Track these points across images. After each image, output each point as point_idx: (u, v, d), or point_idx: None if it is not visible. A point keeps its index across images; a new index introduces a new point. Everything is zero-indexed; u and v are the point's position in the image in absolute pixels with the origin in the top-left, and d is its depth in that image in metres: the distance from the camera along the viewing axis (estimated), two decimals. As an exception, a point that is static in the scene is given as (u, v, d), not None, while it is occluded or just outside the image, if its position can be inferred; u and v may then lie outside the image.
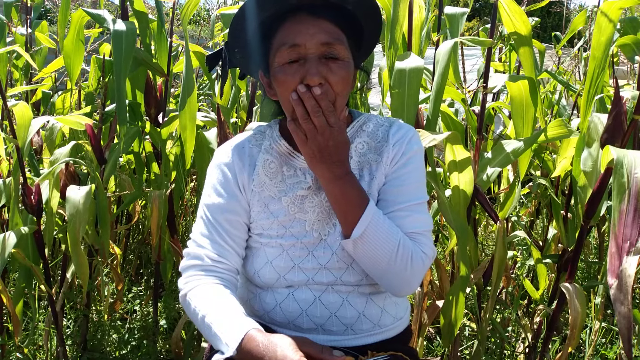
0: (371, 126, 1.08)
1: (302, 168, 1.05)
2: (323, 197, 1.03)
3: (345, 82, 0.96)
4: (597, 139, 1.36)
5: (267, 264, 1.04)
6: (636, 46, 1.69)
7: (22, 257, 1.60)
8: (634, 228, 1.06)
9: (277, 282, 1.04)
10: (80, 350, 1.96)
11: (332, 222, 1.04)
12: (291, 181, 1.05)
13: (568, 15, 3.93)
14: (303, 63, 0.94)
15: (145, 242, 2.72)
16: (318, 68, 0.93)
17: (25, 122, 1.59)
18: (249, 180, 1.06)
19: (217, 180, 1.07)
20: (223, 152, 1.09)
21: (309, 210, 1.04)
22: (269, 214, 1.05)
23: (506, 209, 1.66)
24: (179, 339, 1.84)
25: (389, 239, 0.97)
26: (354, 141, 1.06)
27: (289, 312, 1.04)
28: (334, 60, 0.95)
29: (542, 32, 10.32)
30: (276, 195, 1.05)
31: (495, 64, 2.53)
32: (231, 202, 1.06)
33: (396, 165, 1.04)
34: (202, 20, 6.99)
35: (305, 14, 0.96)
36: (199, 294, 0.99)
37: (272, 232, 1.05)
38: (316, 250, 1.03)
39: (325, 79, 0.93)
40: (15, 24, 2.53)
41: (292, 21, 0.96)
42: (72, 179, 1.77)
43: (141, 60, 1.86)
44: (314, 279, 1.03)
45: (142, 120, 2.06)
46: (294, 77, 0.93)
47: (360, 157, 1.05)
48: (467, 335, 2.09)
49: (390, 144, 1.05)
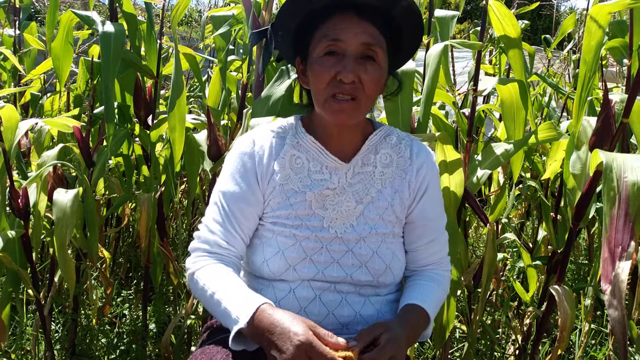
0: (394, 139, 1.13)
1: (328, 167, 1.08)
2: (345, 198, 1.07)
3: (377, 84, 1.01)
4: (586, 142, 1.36)
5: (278, 253, 1.05)
6: (624, 49, 1.70)
7: (9, 262, 1.58)
8: (626, 233, 1.06)
9: (285, 272, 1.05)
10: (68, 354, 1.94)
11: (350, 223, 1.07)
12: (317, 177, 1.08)
13: (558, 18, 3.95)
14: (341, 58, 0.98)
15: (135, 245, 2.70)
16: (354, 66, 0.97)
17: (12, 125, 1.57)
18: (270, 171, 1.07)
19: (236, 168, 1.08)
20: (244, 141, 1.10)
21: (329, 208, 1.07)
22: (289, 206, 1.06)
23: (497, 211, 1.66)
24: (169, 343, 1.82)
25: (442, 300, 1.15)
26: (380, 151, 1.11)
27: (288, 309, 1.03)
28: (371, 62, 0.99)
29: (532, 35, 10.39)
30: (300, 189, 1.07)
31: (486, 66, 2.54)
32: (246, 193, 1.07)
33: (422, 198, 1.11)
34: (194, 21, 6.97)
35: (353, 13, 0.99)
36: (208, 272, 1.02)
37: (287, 222, 1.06)
38: (330, 245, 1.06)
39: (358, 77, 0.98)
40: (3, 26, 2.50)
41: (340, 17, 1.00)
42: (60, 182, 1.75)
43: (130, 62, 1.85)
44: (324, 272, 1.04)
45: (131, 122, 2.04)
46: (330, 70, 0.98)
47: (385, 169, 1.10)
48: (457, 337, 2.09)
49: (414, 168, 1.11)
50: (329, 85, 0.99)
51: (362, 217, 1.07)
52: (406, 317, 1.03)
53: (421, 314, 1.05)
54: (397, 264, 1.09)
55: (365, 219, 1.07)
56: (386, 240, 1.08)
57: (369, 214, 1.07)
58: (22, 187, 1.60)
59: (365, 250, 1.06)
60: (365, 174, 1.09)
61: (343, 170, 1.08)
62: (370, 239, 1.07)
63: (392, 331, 0.94)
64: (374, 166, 1.09)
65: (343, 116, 1.00)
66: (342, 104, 0.99)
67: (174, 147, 1.74)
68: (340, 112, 0.99)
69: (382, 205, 1.08)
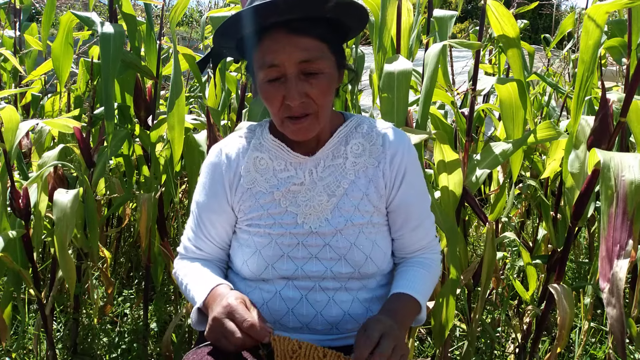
0: (365, 127, 1.11)
1: (293, 163, 1.08)
2: (316, 193, 1.07)
3: (327, 93, 1.00)
4: (584, 141, 1.37)
5: (255, 253, 1.06)
6: (623, 48, 1.70)
7: (10, 262, 1.59)
8: (623, 231, 1.06)
9: (265, 271, 1.06)
10: (70, 353, 1.95)
11: (325, 217, 1.06)
12: (282, 175, 1.08)
13: (558, 16, 3.95)
14: (284, 81, 0.97)
15: (136, 244, 2.71)
16: (297, 88, 0.96)
17: (12, 126, 1.57)
18: (237, 178, 1.09)
19: (205, 179, 1.12)
20: (213, 151, 1.13)
21: (301, 204, 1.07)
22: (259, 207, 1.07)
23: (497, 211, 1.66)
24: (170, 341, 1.83)
25: (433, 284, 1.15)
26: (350, 142, 1.09)
27: (275, 310, 1.06)
28: (314, 76, 0.97)
29: (533, 34, 10.38)
30: (267, 189, 1.08)
31: (485, 65, 2.54)
32: (214, 204, 1.11)
33: (402, 185, 1.09)
34: (194, 21, 6.97)
35: (282, 31, 0.96)
36: (185, 269, 1.14)
37: (261, 222, 1.07)
38: (306, 240, 1.06)
39: (306, 94, 0.97)
40: (4, 27, 2.51)
41: (269, 39, 0.97)
42: (61, 183, 1.76)
43: (130, 63, 1.86)
44: (303, 269, 1.05)
45: (131, 122, 2.05)
46: (277, 95, 0.98)
47: (356, 159, 1.08)
48: (457, 335, 2.10)
49: (388, 155, 1.09)
50: (280, 109, 0.99)
51: (336, 210, 1.06)
52: (393, 307, 1.02)
53: (409, 301, 1.05)
54: (379, 253, 1.07)
55: (340, 211, 1.06)
56: (364, 231, 1.06)
57: (344, 206, 1.06)
58: (23, 187, 1.61)
59: (342, 243, 1.05)
60: (336, 167, 1.08)
61: (309, 164, 1.07)
62: (346, 231, 1.05)
63: (384, 325, 0.92)
64: (345, 157, 1.08)
65: (302, 133, 1.00)
66: (298, 124, 0.99)
67: (173, 147, 1.74)
68: (298, 131, 1.00)
69: (357, 196, 1.07)
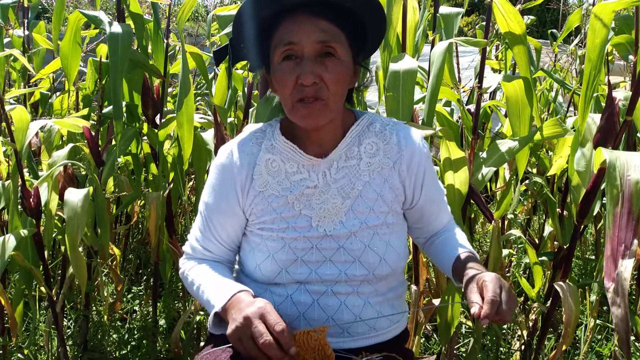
0: (378, 126, 1.09)
1: (306, 165, 1.06)
2: (330, 196, 1.05)
3: (341, 80, 0.98)
4: (591, 139, 1.37)
5: (268, 258, 1.05)
6: (630, 45, 1.69)
7: (22, 260, 1.61)
8: (629, 231, 1.06)
9: (278, 275, 1.04)
10: (80, 350, 1.98)
11: (339, 220, 1.04)
12: (295, 178, 1.05)
13: (566, 10, 3.92)
14: (299, 62, 0.96)
15: (145, 241, 2.73)
16: (312, 67, 0.95)
17: (23, 126, 1.59)
18: (249, 181, 1.06)
19: (215, 180, 1.09)
20: (223, 152, 1.10)
21: (315, 207, 1.05)
22: (272, 211, 1.05)
23: (503, 208, 1.67)
24: (179, 338, 1.85)
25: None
26: (363, 142, 1.07)
27: (286, 315, 1.04)
28: (331, 58, 0.96)
29: (540, 27, 10.29)
30: (280, 193, 1.05)
31: (492, 62, 2.53)
32: (224, 206, 1.08)
33: (424, 185, 1.11)
34: (200, 17, 6.97)
35: (302, 13, 0.97)
36: (195, 269, 1.10)
37: (274, 226, 1.05)
38: (320, 243, 1.04)
39: (320, 77, 0.95)
40: (13, 27, 2.53)
41: (290, 20, 0.97)
42: (71, 181, 1.78)
43: (137, 62, 1.87)
44: (317, 272, 1.03)
45: (139, 121, 2.06)
46: (291, 75, 0.96)
47: (371, 159, 1.07)
48: (463, 332, 2.11)
49: (406, 157, 1.08)
50: (293, 91, 0.97)
51: (351, 212, 1.05)
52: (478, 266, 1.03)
53: (473, 255, 1.10)
54: (393, 254, 1.06)
55: (355, 213, 1.05)
56: (378, 232, 1.05)
57: (358, 208, 1.05)
58: (34, 186, 1.63)
59: (357, 245, 1.04)
60: (350, 168, 1.06)
61: (322, 167, 1.06)
62: (361, 234, 1.04)
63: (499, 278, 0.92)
64: (359, 158, 1.06)
65: (312, 119, 0.98)
66: (309, 107, 0.97)
67: (182, 145, 1.75)
68: (308, 115, 0.97)
69: (371, 197, 1.06)
